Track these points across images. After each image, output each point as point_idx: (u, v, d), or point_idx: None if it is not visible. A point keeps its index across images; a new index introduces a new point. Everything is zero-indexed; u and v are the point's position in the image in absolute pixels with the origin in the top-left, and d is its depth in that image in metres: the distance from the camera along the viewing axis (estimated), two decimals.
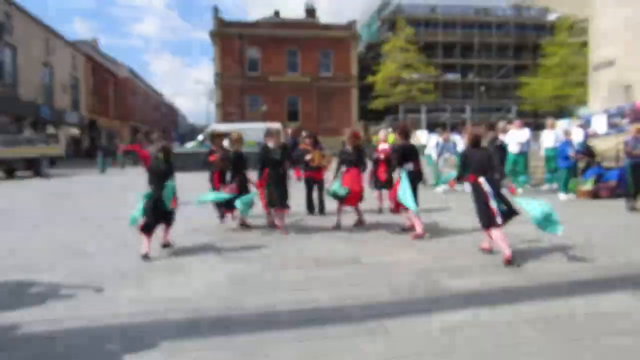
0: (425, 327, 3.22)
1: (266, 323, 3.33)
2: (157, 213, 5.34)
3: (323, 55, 37.79)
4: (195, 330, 3.23)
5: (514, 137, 10.75)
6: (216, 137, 8.01)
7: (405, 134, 6.47)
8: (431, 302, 3.71)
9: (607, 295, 3.79)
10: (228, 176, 6.96)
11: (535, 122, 32.35)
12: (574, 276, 4.31)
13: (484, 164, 5.10)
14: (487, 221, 4.85)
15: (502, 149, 11.40)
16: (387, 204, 7.72)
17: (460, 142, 11.50)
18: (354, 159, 6.63)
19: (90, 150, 37.80)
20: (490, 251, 5.17)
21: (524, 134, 10.68)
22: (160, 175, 5.43)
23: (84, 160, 31.97)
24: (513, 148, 10.75)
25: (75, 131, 40.45)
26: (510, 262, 4.67)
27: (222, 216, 7.11)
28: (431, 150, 11.20)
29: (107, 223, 7.58)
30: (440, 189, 11.30)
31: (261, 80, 38.24)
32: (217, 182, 7.41)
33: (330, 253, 5.38)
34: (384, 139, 8.71)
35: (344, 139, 6.97)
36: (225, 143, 7.67)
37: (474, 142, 5.35)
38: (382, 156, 7.55)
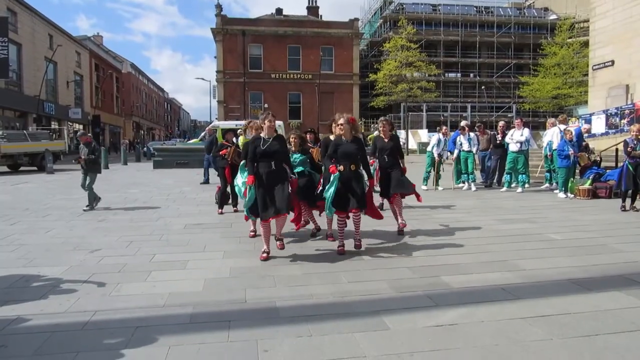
0: (425, 323, 3.24)
1: (266, 318, 3.35)
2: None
3: (325, 53, 37.69)
4: (196, 325, 3.26)
5: (514, 136, 10.78)
6: (227, 132, 8.28)
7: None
8: (431, 298, 3.74)
9: (605, 293, 3.81)
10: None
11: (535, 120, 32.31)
12: (572, 274, 4.33)
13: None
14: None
15: (502, 147, 11.47)
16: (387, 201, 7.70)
17: (475, 140, 11.55)
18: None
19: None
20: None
21: (524, 132, 10.70)
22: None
23: None
24: (513, 147, 10.78)
25: (78, 126, 40.48)
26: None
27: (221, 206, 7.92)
28: (432, 149, 11.20)
29: (108, 218, 7.63)
30: (441, 187, 11.35)
31: (263, 77, 38.20)
32: (229, 175, 7.61)
33: (330, 248, 5.42)
34: None
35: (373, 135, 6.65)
36: (235, 139, 8.08)
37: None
38: None
